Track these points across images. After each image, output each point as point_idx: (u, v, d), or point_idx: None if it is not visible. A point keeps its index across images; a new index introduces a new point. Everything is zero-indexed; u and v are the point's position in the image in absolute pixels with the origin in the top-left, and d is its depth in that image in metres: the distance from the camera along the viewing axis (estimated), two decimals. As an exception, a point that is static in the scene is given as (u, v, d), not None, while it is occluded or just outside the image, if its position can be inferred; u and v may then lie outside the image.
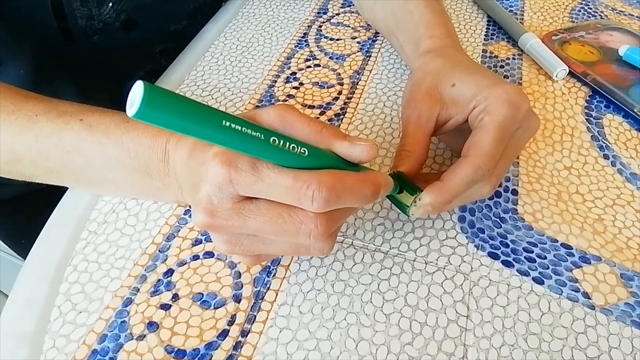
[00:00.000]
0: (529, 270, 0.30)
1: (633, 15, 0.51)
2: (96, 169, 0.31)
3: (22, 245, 0.63)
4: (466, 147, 0.28)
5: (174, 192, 0.31)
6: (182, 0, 0.51)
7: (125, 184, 0.32)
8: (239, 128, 0.20)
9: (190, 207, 0.33)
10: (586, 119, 0.39)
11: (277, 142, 0.21)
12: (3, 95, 0.31)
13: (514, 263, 0.30)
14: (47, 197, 0.56)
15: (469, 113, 0.30)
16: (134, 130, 0.30)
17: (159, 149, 0.29)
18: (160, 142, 0.29)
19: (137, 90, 0.16)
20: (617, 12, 0.52)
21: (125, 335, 0.27)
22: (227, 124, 0.19)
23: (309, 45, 0.48)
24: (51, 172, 0.32)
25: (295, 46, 0.48)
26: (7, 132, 0.30)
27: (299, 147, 0.22)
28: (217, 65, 0.46)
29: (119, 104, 0.41)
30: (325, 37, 0.49)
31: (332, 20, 0.51)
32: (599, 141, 0.38)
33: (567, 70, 0.43)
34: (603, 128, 0.39)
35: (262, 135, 0.20)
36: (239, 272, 0.30)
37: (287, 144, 0.21)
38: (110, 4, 0.44)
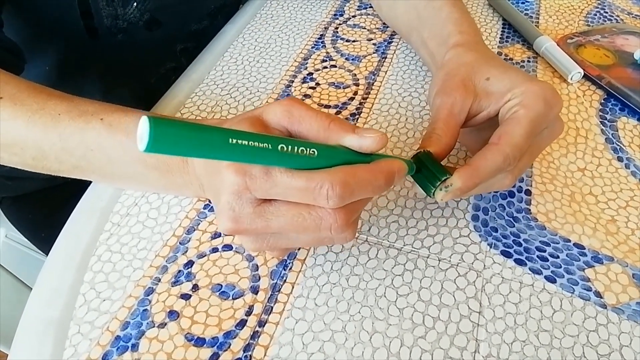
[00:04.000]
0: (542, 269, 0.30)
1: (649, 20, 0.51)
2: (118, 166, 0.32)
3: (42, 239, 0.65)
4: (496, 136, 0.28)
5: (195, 189, 0.32)
6: (203, 2, 0.52)
7: (147, 180, 0.33)
8: (246, 143, 0.20)
9: (210, 201, 0.35)
10: (600, 121, 0.40)
11: (285, 148, 0.21)
12: (27, 93, 0.32)
13: (527, 261, 0.30)
14: (68, 191, 0.57)
15: (502, 106, 0.30)
16: None
17: None
18: None
19: (144, 126, 0.17)
20: (633, 16, 0.52)
21: (147, 323, 0.28)
22: (234, 141, 0.20)
23: (325, 46, 0.49)
24: (76, 168, 0.33)
25: (312, 47, 0.49)
26: (32, 130, 0.31)
27: (308, 149, 0.22)
28: (236, 65, 0.47)
29: (140, 101, 0.42)
30: (342, 39, 0.50)
31: (348, 22, 0.52)
32: (613, 143, 0.38)
33: (582, 73, 0.43)
34: (617, 131, 0.39)
35: (270, 145, 0.21)
36: (257, 265, 0.31)
37: (296, 148, 0.22)
38: (135, 4, 0.45)
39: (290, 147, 0.22)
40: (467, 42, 0.35)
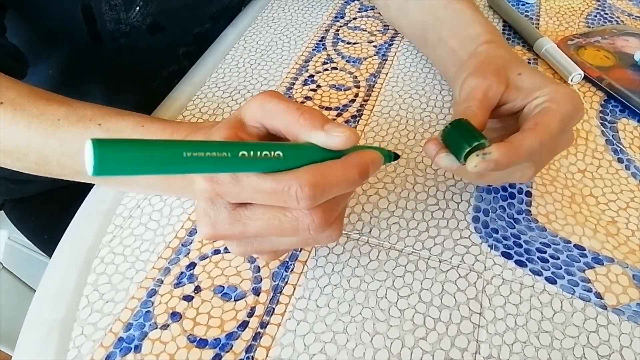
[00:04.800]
0: (542, 270, 0.30)
1: (650, 21, 0.51)
2: None
3: (45, 241, 0.65)
4: (532, 122, 0.28)
5: (193, 190, 0.32)
6: (205, 5, 0.52)
7: (147, 183, 0.34)
8: (202, 154, 0.19)
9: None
10: (601, 123, 0.40)
11: (246, 155, 0.21)
12: (27, 98, 0.32)
13: (527, 263, 0.31)
14: (70, 194, 0.57)
15: (529, 102, 0.30)
16: (148, 134, 0.32)
17: None
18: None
19: (88, 149, 0.16)
20: (633, 18, 0.52)
21: (150, 324, 0.29)
22: (189, 154, 0.19)
23: (326, 48, 0.49)
24: (78, 172, 0.33)
25: (313, 49, 0.49)
26: (33, 135, 0.31)
27: (273, 152, 0.22)
28: (237, 68, 0.47)
29: (143, 104, 0.43)
30: (342, 41, 0.50)
31: (349, 24, 0.52)
32: (614, 145, 0.38)
33: (582, 75, 0.43)
34: (618, 132, 0.39)
35: (229, 154, 0.20)
36: (258, 267, 0.31)
37: (259, 152, 0.21)
38: (137, 8, 0.45)
39: (252, 152, 0.21)
40: (497, 41, 0.36)
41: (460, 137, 0.27)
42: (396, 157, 0.29)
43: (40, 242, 0.66)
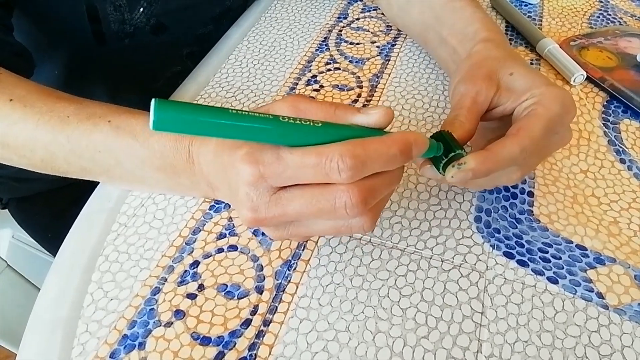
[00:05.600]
0: (544, 270, 0.30)
1: (653, 22, 0.52)
2: (126, 168, 0.33)
3: (49, 239, 0.66)
4: (515, 128, 0.28)
5: (203, 189, 0.32)
6: (208, 6, 0.53)
7: (155, 181, 0.34)
8: (247, 113, 0.22)
9: (216, 202, 0.35)
10: (603, 123, 0.40)
11: (286, 119, 0.23)
12: (37, 96, 0.33)
13: (529, 262, 0.31)
14: (75, 193, 0.58)
15: (519, 104, 0.30)
16: (159, 132, 0.32)
17: (182, 151, 0.31)
18: (184, 144, 0.31)
19: (152, 107, 0.19)
20: (636, 19, 0.52)
21: (154, 322, 0.29)
22: (234, 111, 0.21)
23: (329, 49, 0.49)
24: (84, 169, 0.34)
25: (316, 50, 0.49)
26: (41, 132, 0.32)
27: (311, 122, 0.23)
28: (241, 68, 0.47)
29: (147, 104, 0.43)
30: (345, 41, 0.50)
31: (352, 25, 0.52)
32: (616, 146, 0.38)
33: (585, 76, 0.43)
34: (620, 133, 0.39)
35: (271, 116, 0.22)
36: (261, 265, 0.31)
37: (297, 120, 0.23)
38: (142, 9, 0.46)
39: (291, 119, 0.23)
40: (495, 39, 0.36)
41: (438, 151, 0.27)
42: (454, 152, 0.27)
43: (44, 240, 0.67)
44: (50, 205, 0.63)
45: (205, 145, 0.30)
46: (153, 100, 0.19)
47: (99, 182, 0.37)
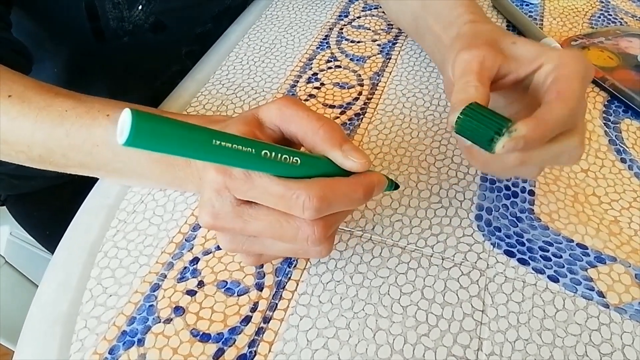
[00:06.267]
0: (544, 269, 0.30)
1: (653, 22, 0.52)
2: (123, 161, 0.33)
3: (47, 236, 0.66)
4: (552, 92, 0.26)
5: (196, 182, 0.32)
6: (208, 5, 0.53)
7: (151, 174, 0.33)
8: (229, 146, 0.20)
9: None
10: (604, 123, 0.40)
11: (268, 155, 0.22)
12: (35, 91, 0.33)
13: (530, 261, 0.31)
14: (72, 190, 0.57)
15: (533, 70, 0.28)
16: None
17: None
18: None
19: (126, 118, 0.17)
20: (637, 19, 0.52)
21: (153, 318, 0.29)
22: (217, 143, 0.20)
23: (330, 47, 0.49)
24: (82, 164, 0.33)
25: (317, 48, 0.49)
26: (39, 127, 0.32)
27: (291, 157, 0.23)
28: (242, 65, 0.47)
29: (147, 102, 0.43)
30: (346, 39, 0.50)
31: (353, 23, 0.52)
32: (617, 145, 0.38)
33: (586, 75, 0.43)
34: (621, 132, 0.39)
35: (254, 150, 0.21)
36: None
37: (280, 155, 0.22)
38: (140, 7, 0.45)
39: (273, 154, 0.22)
40: (481, 20, 0.35)
41: (481, 127, 0.24)
42: (396, 187, 0.30)
43: (42, 238, 0.67)
44: (48, 202, 0.63)
45: None
46: (128, 110, 0.17)
47: (97, 179, 0.37)
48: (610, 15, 0.53)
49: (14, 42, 0.39)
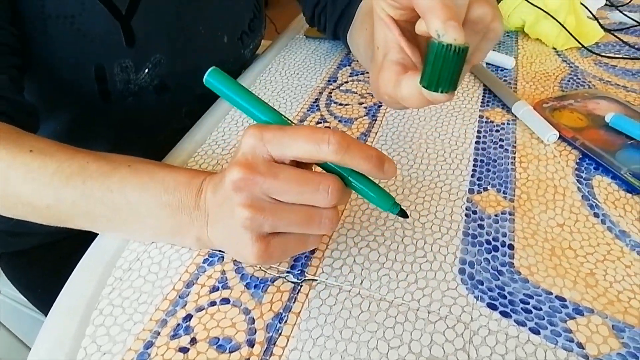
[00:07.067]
0: (526, 321, 0.31)
1: (619, 85, 0.56)
2: (133, 205, 0.34)
3: (39, 295, 0.65)
4: None
5: (199, 226, 0.33)
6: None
7: (158, 219, 0.34)
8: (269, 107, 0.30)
9: (209, 255, 0.36)
10: (577, 179, 0.42)
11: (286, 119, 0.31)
12: (57, 147, 0.35)
13: (512, 314, 0.32)
14: (68, 247, 0.58)
15: None
16: (176, 171, 0.35)
17: (195, 186, 0.33)
18: (198, 181, 0.34)
19: (209, 70, 0.31)
20: (603, 82, 0.57)
21: (146, 376, 0.29)
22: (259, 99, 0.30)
23: (320, 109, 0.52)
24: (88, 213, 0.35)
25: (308, 110, 0.52)
26: (58, 177, 0.33)
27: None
28: (237, 127, 0.50)
29: (146, 158, 0.45)
30: (335, 103, 0.53)
31: (341, 88, 0.56)
32: (590, 200, 0.40)
33: (558, 135, 0.46)
34: (593, 188, 0.42)
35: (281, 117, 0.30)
36: (253, 318, 0.32)
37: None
38: (147, 70, 0.49)
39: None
40: None
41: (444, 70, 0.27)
42: (403, 214, 0.32)
43: (34, 297, 0.66)
44: (42, 260, 0.63)
45: (214, 178, 0.33)
46: (213, 67, 0.31)
47: (92, 238, 0.38)
48: (579, 79, 0.58)
49: (26, 105, 0.42)
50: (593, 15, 0.69)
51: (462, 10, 0.27)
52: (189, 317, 0.32)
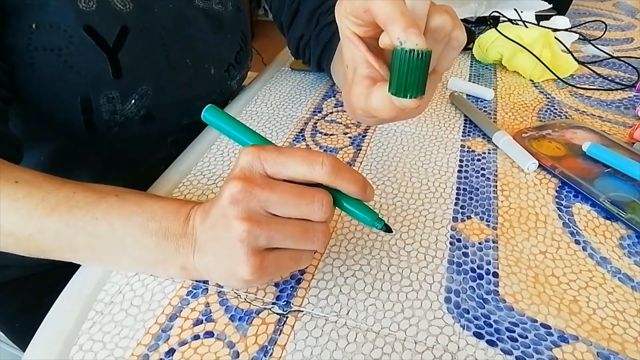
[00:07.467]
0: (512, 350, 0.31)
1: (594, 115, 0.58)
2: (118, 235, 0.33)
3: (16, 329, 0.63)
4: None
5: (184, 253, 0.33)
6: (195, 100, 0.57)
7: (143, 249, 0.34)
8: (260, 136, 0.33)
9: (192, 287, 0.36)
10: (557, 207, 0.43)
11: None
12: (43, 178, 0.35)
13: (498, 342, 0.32)
14: (46, 280, 0.57)
15: None
16: (164, 200, 0.35)
17: (183, 214, 0.33)
18: (186, 209, 0.34)
19: (206, 107, 0.32)
20: (580, 112, 0.59)
21: (126, 415, 0.28)
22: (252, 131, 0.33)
23: (305, 139, 0.53)
24: (70, 244, 0.34)
25: (294, 140, 0.53)
26: (43, 206, 0.33)
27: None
28: (222, 157, 0.50)
29: (131, 187, 0.45)
30: (320, 133, 0.54)
31: (326, 118, 0.57)
32: (570, 227, 0.41)
33: (537, 164, 0.48)
34: (573, 215, 0.42)
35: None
36: (237, 352, 0.31)
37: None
38: (133, 102, 0.49)
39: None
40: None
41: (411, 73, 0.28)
42: (387, 229, 0.33)
43: (10, 330, 0.64)
44: (19, 293, 0.61)
45: (203, 205, 0.33)
46: (210, 105, 0.32)
47: (74, 270, 0.37)
48: (556, 109, 0.60)
49: (11, 137, 0.42)
50: (567, 48, 0.72)
51: (422, 20, 0.29)
52: (171, 351, 0.32)
